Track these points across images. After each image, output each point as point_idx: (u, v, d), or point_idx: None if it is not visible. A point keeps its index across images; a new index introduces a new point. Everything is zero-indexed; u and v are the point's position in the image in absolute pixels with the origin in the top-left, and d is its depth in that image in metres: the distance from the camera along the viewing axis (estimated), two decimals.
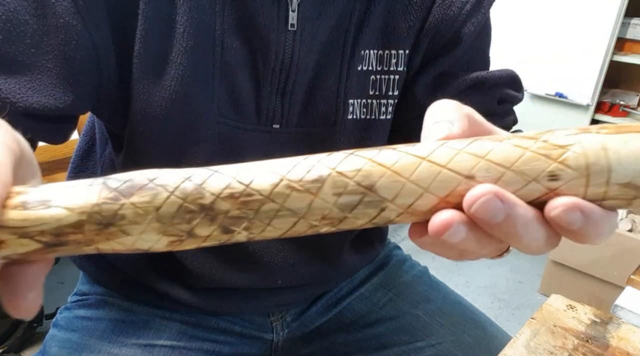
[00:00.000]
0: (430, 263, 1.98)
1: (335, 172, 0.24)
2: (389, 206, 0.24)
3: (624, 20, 1.99)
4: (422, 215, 0.25)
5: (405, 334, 0.65)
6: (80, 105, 0.45)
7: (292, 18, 0.46)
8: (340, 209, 0.24)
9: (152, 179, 0.23)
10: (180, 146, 0.49)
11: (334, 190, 0.24)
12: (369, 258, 0.71)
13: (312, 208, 0.24)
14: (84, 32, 0.41)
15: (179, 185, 0.23)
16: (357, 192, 0.24)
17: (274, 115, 0.51)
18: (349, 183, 0.24)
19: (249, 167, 0.24)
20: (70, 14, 0.41)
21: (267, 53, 0.47)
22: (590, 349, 0.51)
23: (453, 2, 0.52)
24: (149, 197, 0.23)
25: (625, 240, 1.53)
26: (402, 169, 0.24)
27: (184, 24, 0.44)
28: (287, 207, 0.23)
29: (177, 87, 0.46)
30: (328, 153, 0.25)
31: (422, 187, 0.24)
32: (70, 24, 0.41)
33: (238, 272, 0.57)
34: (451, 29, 0.53)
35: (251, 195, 0.23)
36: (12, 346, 1.33)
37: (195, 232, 0.23)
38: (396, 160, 0.24)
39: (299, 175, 0.24)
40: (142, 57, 0.45)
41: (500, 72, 0.56)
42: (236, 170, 0.24)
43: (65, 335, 0.58)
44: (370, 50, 0.51)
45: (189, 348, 0.60)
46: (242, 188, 0.23)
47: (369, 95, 0.53)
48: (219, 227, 0.23)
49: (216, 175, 0.24)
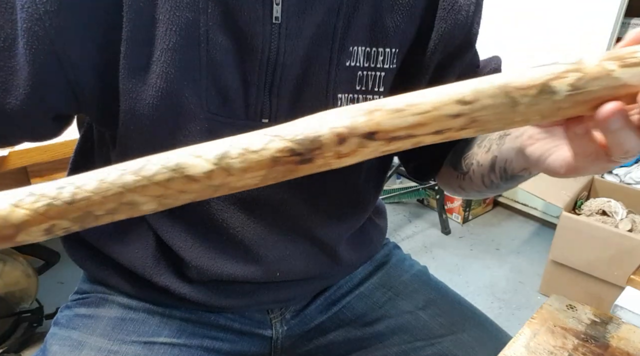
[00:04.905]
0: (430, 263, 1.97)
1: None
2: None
3: (624, 20, 1.98)
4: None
5: (405, 333, 0.65)
6: (51, 106, 0.48)
7: (276, 11, 0.47)
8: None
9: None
10: (171, 142, 0.49)
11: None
12: (367, 255, 0.71)
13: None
14: (45, 39, 0.43)
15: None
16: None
17: (263, 109, 0.51)
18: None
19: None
20: (33, 19, 0.43)
21: (253, 47, 0.48)
22: (590, 349, 0.51)
23: (461, 6, 0.53)
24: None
25: (625, 240, 1.53)
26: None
27: (167, 22, 0.45)
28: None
29: (163, 85, 0.46)
30: None
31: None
32: (32, 30, 0.43)
33: (236, 264, 0.57)
34: (462, 32, 0.54)
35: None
36: (12, 346, 1.32)
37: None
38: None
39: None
40: (128, 57, 0.46)
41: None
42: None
43: (66, 333, 0.58)
44: (359, 46, 0.52)
45: (188, 345, 0.60)
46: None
47: (356, 90, 0.53)
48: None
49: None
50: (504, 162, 0.47)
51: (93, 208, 0.31)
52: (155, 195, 0.32)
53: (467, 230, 2.28)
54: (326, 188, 0.57)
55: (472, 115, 0.31)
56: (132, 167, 0.32)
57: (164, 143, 0.49)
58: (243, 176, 0.32)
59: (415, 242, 2.16)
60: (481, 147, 0.53)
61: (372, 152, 0.32)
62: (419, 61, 0.55)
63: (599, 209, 1.74)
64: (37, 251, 1.48)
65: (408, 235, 2.22)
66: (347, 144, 0.31)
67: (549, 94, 0.30)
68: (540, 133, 0.39)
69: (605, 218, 1.70)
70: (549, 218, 2.27)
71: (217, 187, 0.32)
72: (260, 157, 0.31)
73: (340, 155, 0.32)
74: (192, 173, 0.31)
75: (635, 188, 1.82)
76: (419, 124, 0.31)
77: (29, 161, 0.92)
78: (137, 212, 0.32)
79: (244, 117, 0.51)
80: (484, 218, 2.39)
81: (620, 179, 1.93)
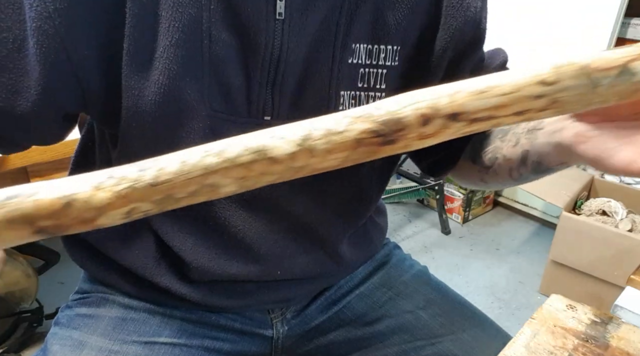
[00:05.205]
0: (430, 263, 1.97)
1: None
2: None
3: (624, 20, 1.98)
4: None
5: (405, 333, 0.65)
6: (61, 105, 0.48)
7: (279, 7, 0.47)
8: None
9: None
10: (173, 140, 0.49)
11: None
12: (367, 254, 0.71)
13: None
14: (55, 37, 0.43)
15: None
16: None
17: (265, 107, 0.51)
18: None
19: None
20: (42, 18, 0.43)
21: (256, 43, 0.48)
22: (590, 349, 0.51)
23: (469, 3, 0.53)
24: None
25: (625, 240, 1.53)
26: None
27: (169, 19, 0.45)
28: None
29: (166, 81, 0.46)
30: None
31: None
32: (41, 28, 0.43)
33: (236, 263, 0.57)
34: (472, 28, 0.54)
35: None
36: (12, 346, 1.32)
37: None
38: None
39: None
40: (131, 54, 0.45)
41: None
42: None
43: (66, 333, 0.58)
44: (361, 44, 0.52)
45: (189, 345, 0.60)
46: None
47: (358, 88, 0.53)
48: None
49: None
50: (537, 156, 0.47)
51: (175, 191, 0.31)
52: (237, 177, 0.32)
53: (467, 230, 2.28)
54: (329, 185, 0.57)
55: (553, 96, 0.31)
56: (214, 148, 0.32)
57: (166, 140, 0.49)
58: (326, 157, 0.32)
59: (415, 242, 2.16)
60: (505, 141, 0.53)
61: (453, 133, 0.33)
62: (427, 60, 0.55)
63: (599, 209, 1.74)
64: (37, 251, 1.48)
65: (408, 235, 2.22)
66: (430, 125, 0.32)
67: (629, 76, 0.31)
68: (590, 130, 0.38)
69: (605, 218, 1.70)
70: (549, 218, 2.27)
71: (298, 168, 0.32)
72: (343, 138, 0.32)
73: (423, 136, 0.32)
74: (275, 155, 0.31)
75: (635, 188, 1.82)
76: (501, 106, 0.32)
77: (29, 161, 0.92)
78: (217, 195, 0.33)
79: (246, 115, 0.51)
80: (484, 218, 2.39)
81: (620, 179, 1.93)
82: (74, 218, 0.31)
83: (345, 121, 0.32)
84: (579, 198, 1.83)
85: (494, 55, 0.60)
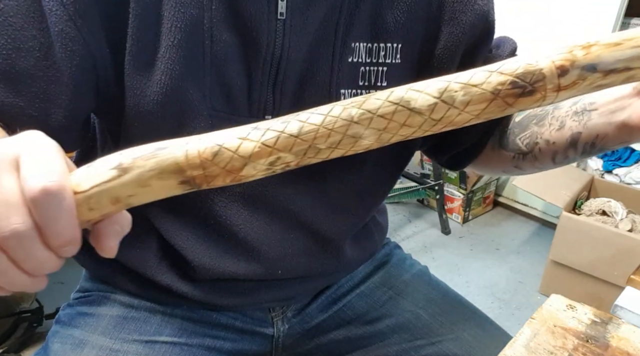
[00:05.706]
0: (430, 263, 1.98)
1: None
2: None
3: (624, 20, 1.98)
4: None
5: (405, 332, 0.65)
6: (86, 108, 0.48)
7: (281, 7, 0.47)
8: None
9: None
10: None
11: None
12: (368, 252, 0.71)
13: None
14: (78, 38, 0.44)
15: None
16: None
17: (266, 106, 0.51)
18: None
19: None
20: (63, 21, 0.43)
21: (258, 43, 0.48)
22: (590, 349, 0.51)
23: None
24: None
25: (625, 240, 1.53)
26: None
27: (171, 19, 0.45)
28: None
29: (168, 81, 0.46)
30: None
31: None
32: (64, 31, 0.43)
33: (237, 262, 0.57)
34: (482, 20, 0.55)
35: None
36: (12, 346, 1.33)
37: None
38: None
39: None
40: (133, 54, 0.46)
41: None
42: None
43: (67, 331, 0.58)
44: (360, 43, 0.52)
45: (190, 344, 0.60)
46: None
47: (359, 86, 0.54)
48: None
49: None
50: (593, 137, 0.47)
51: (318, 141, 0.32)
52: (378, 128, 0.33)
53: (467, 230, 2.29)
54: (330, 185, 0.57)
55: None
56: (355, 101, 0.33)
57: (167, 138, 0.49)
58: (464, 109, 0.33)
59: (415, 242, 2.16)
60: (544, 126, 0.53)
61: (588, 86, 0.33)
62: (433, 54, 0.55)
63: (599, 209, 1.74)
64: None
65: (408, 235, 2.22)
66: (567, 76, 0.32)
67: None
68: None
69: (605, 218, 1.71)
70: (549, 218, 2.27)
71: (436, 121, 0.33)
72: (482, 90, 0.32)
73: (560, 87, 0.33)
74: (417, 106, 0.32)
75: (635, 188, 1.82)
76: (638, 58, 0.32)
77: None
78: (356, 148, 0.33)
79: (247, 114, 0.51)
80: (484, 218, 2.39)
81: (620, 179, 1.93)
82: (222, 168, 0.32)
83: (484, 74, 0.32)
84: (579, 198, 1.83)
85: (502, 44, 0.60)
